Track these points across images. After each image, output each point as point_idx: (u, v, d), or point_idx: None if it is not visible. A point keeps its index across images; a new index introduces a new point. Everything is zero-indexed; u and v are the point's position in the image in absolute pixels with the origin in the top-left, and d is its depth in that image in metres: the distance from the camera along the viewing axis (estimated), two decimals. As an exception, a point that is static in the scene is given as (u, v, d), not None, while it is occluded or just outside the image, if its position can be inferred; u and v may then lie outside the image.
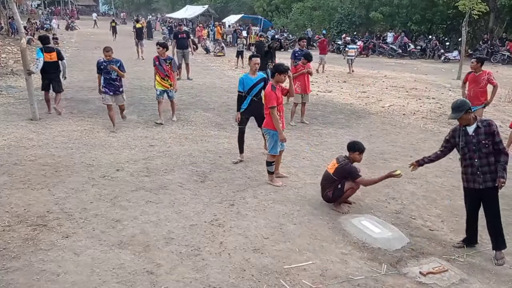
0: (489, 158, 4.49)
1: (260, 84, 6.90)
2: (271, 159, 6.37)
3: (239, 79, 7.01)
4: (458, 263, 4.57)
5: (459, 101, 4.66)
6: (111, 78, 8.55)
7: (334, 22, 35.30)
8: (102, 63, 8.50)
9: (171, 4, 57.90)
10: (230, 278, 4.11)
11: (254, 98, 6.90)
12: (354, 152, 5.65)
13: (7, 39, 26.43)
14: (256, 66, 6.93)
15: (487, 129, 4.48)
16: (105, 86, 8.58)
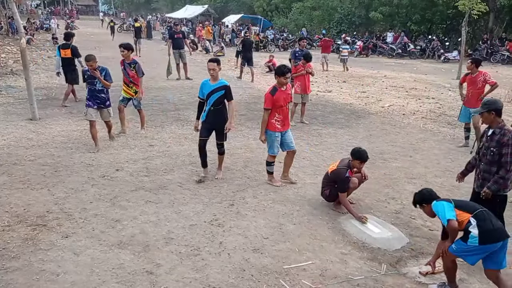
0: (491, 167, 4.44)
1: (219, 92, 6.15)
2: (270, 159, 6.35)
3: (200, 83, 6.40)
4: (457, 263, 4.56)
5: (490, 99, 4.63)
6: (95, 89, 7.50)
7: (334, 22, 35.33)
8: (86, 72, 7.51)
9: (170, 4, 57.90)
10: (229, 278, 4.10)
11: (212, 108, 6.15)
12: (355, 159, 5.61)
13: (6, 39, 26.43)
14: (211, 71, 6.17)
15: (500, 137, 4.37)
16: (89, 98, 7.52)
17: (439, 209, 3.92)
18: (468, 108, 8.44)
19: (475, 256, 3.84)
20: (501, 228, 3.82)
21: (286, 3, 40.57)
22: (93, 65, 7.38)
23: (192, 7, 44.90)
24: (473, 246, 3.74)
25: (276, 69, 6.28)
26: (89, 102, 7.51)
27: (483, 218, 3.77)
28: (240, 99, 12.54)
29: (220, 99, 6.19)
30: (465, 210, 3.88)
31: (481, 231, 3.70)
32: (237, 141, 8.50)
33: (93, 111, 7.51)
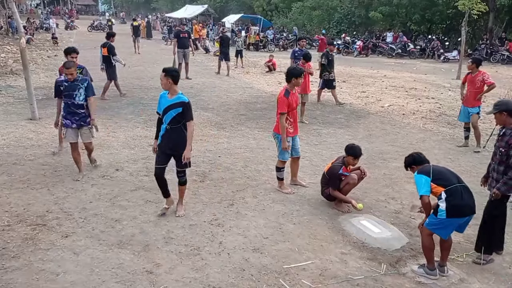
0: (500, 166, 4.45)
1: (177, 109, 5.00)
2: (280, 165, 6.17)
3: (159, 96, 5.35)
4: (457, 262, 4.57)
5: (502, 100, 4.67)
6: (74, 103, 6.12)
7: (333, 22, 35.31)
8: (62, 83, 6.16)
9: (170, 3, 57.86)
10: (229, 278, 4.11)
11: (168, 127, 5.04)
12: (349, 155, 5.68)
13: (6, 39, 26.42)
14: (167, 85, 5.09)
15: (509, 138, 4.36)
16: (66, 115, 6.17)
17: (417, 182, 4.25)
18: (467, 107, 8.45)
19: (445, 230, 4.17)
20: (469, 205, 4.12)
21: (285, 3, 40.52)
22: (73, 73, 6.12)
23: (192, 7, 44.84)
24: (442, 219, 4.05)
25: (293, 71, 5.98)
26: (67, 120, 6.19)
27: (455, 192, 4.05)
28: (240, 99, 12.55)
29: (178, 117, 5.02)
30: (440, 183, 4.14)
31: (449, 205, 4.00)
32: (237, 141, 8.50)
33: (72, 132, 6.23)
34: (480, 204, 5.81)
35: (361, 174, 5.86)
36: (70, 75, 6.07)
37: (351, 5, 33.96)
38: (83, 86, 6.13)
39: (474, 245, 4.89)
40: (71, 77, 6.09)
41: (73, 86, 6.11)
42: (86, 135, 6.34)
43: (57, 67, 17.33)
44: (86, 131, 6.31)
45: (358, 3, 33.18)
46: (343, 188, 5.66)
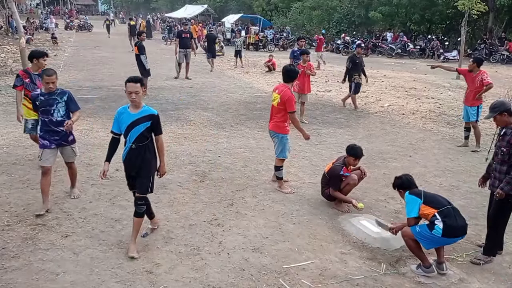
0: (502, 166, 4.44)
1: (145, 123, 4.38)
2: (279, 163, 6.19)
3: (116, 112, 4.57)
4: (457, 262, 4.58)
5: (496, 102, 4.62)
6: (52, 121, 5.19)
7: (333, 22, 35.32)
8: (38, 97, 5.17)
9: (170, 3, 57.87)
10: (229, 278, 4.11)
11: (133, 146, 4.43)
12: (349, 156, 5.69)
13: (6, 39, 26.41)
14: (133, 95, 4.31)
15: (510, 138, 4.36)
16: (43, 134, 5.22)
17: (409, 202, 4.36)
18: (467, 106, 8.46)
19: (433, 244, 4.26)
20: (463, 226, 4.21)
21: (285, 3, 40.55)
22: (54, 82, 5.15)
23: (192, 7, 44.86)
24: (435, 236, 4.12)
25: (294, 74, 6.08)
26: (44, 140, 5.23)
27: (448, 214, 4.15)
28: (240, 99, 12.55)
29: (146, 133, 4.41)
30: (432, 205, 4.23)
31: (446, 226, 4.09)
32: (237, 141, 8.50)
33: (49, 154, 5.27)
34: (480, 204, 5.85)
35: (361, 174, 5.87)
36: (52, 83, 5.10)
37: (351, 5, 33.97)
38: (62, 101, 5.19)
39: (474, 245, 4.91)
40: (52, 88, 5.11)
41: (51, 100, 5.14)
42: (69, 153, 5.49)
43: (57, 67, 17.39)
44: (68, 150, 5.46)
45: (357, 3, 33.19)
46: (343, 189, 5.66)
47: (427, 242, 4.22)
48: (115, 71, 17.16)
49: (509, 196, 4.37)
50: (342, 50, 29.51)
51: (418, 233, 4.22)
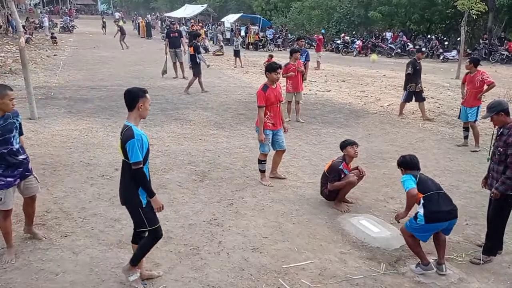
0: (499, 166, 4.43)
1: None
2: (262, 157, 6.41)
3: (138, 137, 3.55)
4: (456, 262, 4.58)
5: (493, 102, 4.62)
6: (13, 150, 4.18)
7: (333, 22, 35.31)
8: None
9: (170, 3, 57.84)
10: (229, 278, 4.11)
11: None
12: (346, 147, 5.71)
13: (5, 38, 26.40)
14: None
15: (507, 138, 4.34)
16: (3, 171, 4.13)
17: (405, 179, 4.41)
18: (466, 107, 8.46)
19: (426, 233, 4.27)
20: (446, 211, 4.21)
21: (285, 3, 40.54)
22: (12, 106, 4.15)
23: (191, 6, 44.87)
24: (421, 225, 4.17)
25: (267, 66, 6.37)
26: (9, 178, 4.17)
27: (431, 200, 4.19)
28: (240, 99, 12.55)
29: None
30: (421, 190, 4.29)
31: (426, 212, 4.15)
32: (236, 141, 8.50)
33: (12, 192, 4.24)
34: (479, 203, 5.85)
35: (360, 173, 5.87)
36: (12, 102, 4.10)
37: (351, 5, 33.96)
38: (18, 123, 4.27)
39: (473, 245, 4.91)
40: (12, 107, 4.14)
41: (9, 125, 4.14)
42: (33, 183, 4.47)
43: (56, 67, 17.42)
44: (32, 180, 4.45)
45: (357, 3, 33.18)
46: (342, 189, 5.65)
47: (420, 234, 4.25)
48: (115, 70, 17.16)
49: (507, 196, 4.38)
50: (341, 50, 29.53)
51: (409, 227, 4.29)
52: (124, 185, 3.70)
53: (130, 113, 3.64)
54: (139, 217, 3.70)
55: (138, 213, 3.69)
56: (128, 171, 3.60)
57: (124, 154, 3.57)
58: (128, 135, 3.52)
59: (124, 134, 3.56)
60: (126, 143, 3.50)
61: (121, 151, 3.60)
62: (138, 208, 3.67)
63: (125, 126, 3.60)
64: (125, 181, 3.67)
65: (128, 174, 3.62)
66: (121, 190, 3.74)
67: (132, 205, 3.70)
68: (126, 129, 3.57)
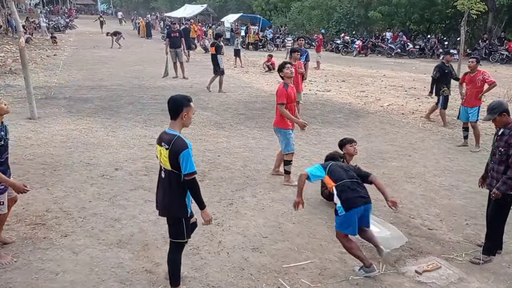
0: (500, 166, 4.43)
1: None
2: (289, 158, 6.37)
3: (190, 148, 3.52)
4: (456, 262, 4.58)
5: (493, 103, 4.54)
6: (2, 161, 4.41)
7: (333, 22, 35.30)
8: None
9: (169, 3, 57.81)
10: (229, 277, 4.11)
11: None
12: (345, 145, 5.70)
13: (5, 38, 26.39)
14: None
15: (508, 138, 4.34)
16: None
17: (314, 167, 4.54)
18: (467, 107, 8.46)
19: (350, 226, 4.21)
20: (361, 196, 4.22)
21: (284, 2, 40.52)
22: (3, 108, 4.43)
23: (191, 6, 44.83)
24: (342, 216, 4.17)
25: (278, 66, 6.50)
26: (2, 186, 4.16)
27: (343, 189, 4.21)
28: (240, 99, 12.55)
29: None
30: (333, 178, 4.35)
31: (342, 200, 4.18)
32: (236, 140, 8.50)
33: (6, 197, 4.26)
34: (479, 203, 5.85)
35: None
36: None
37: (350, 5, 33.95)
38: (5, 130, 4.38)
39: (473, 245, 4.91)
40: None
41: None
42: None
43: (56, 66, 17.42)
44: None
45: (357, 3, 33.17)
46: None
47: (347, 228, 4.22)
48: (115, 70, 17.15)
49: (507, 195, 4.38)
50: (341, 49, 29.52)
51: (337, 226, 4.30)
52: (170, 196, 3.55)
53: (173, 121, 3.54)
54: (181, 229, 3.61)
55: (181, 225, 3.59)
56: (175, 181, 3.48)
57: (172, 165, 3.43)
58: (181, 145, 3.39)
59: (174, 144, 3.40)
60: (180, 153, 3.36)
61: (168, 162, 3.44)
62: (182, 219, 3.59)
63: (172, 135, 3.47)
64: (172, 192, 3.52)
65: (175, 184, 3.49)
66: (164, 202, 3.61)
67: (177, 216, 3.60)
68: (176, 138, 3.43)
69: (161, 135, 3.57)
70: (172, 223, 3.65)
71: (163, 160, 3.51)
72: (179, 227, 3.61)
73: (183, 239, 3.65)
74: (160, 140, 3.53)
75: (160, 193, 3.66)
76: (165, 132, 3.56)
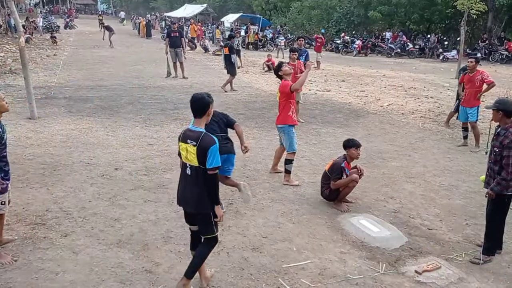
0: (495, 166, 4.44)
1: None
2: (291, 157, 6.37)
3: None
4: (456, 262, 4.58)
5: (502, 98, 4.72)
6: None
7: (332, 21, 35.32)
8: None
9: (169, 3, 57.81)
10: (228, 277, 4.11)
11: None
12: (350, 148, 5.69)
13: (5, 38, 26.38)
14: None
15: (503, 139, 4.35)
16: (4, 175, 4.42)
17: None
18: (466, 108, 8.46)
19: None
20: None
21: (284, 2, 40.54)
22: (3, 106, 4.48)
23: (191, 6, 44.81)
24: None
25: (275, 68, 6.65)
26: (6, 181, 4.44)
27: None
28: (239, 98, 12.55)
29: None
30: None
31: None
32: (236, 140, 8.47)
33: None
34: (479, 203, 5.86)
35: (358, 172, 5.86)
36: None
37: (350, 5, 33.97)
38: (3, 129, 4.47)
39: (473, 245, 4.91)
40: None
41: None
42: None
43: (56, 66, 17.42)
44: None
45: (357, 3, 33.19)
46: (343, 190, 5.65)
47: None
48: (115, 70, 17.15)
49: (503, 196, 4.39)
50: (341, 49, 29.53)
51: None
52: (200, 192, 3.59)
53: (199, 119, 3.63)
54: (210, 223, 3.68)
55: (210, 219, 3.67)
56: (202, 176, 3.54)
57: (200, 161, 3.50)
58: (210, 141, 3.49)
59: (202, 140, 3.49)
60: (208, 149, 3.45)
61: (196, 158, 3.51)
62: (211, 214, 3.65)
63: (199, 132, 3.56)
64: (200, 187, 3.58)
65: (203, 179, 3.56)
66: (194, 198, 3.63)
67: (207, 212, 3.65)
68: (203, 135, 3.52)
69: (186, 133, 3.66)
70: (201, 219, 3.71)
71: (190, 157, 3.57)
72: (208, 222, 3.68)
73: (213, 233, 3.72)
74: (186, 138, 3.61)
75: (187, 190, 3.68)
76: (190, 130, 3.66)
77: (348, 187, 5.64)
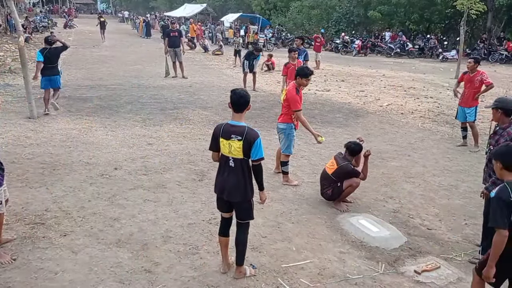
0: (491, 164, 4.44)
1: None
2: (285, 159, 6.40)
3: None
4: (455, 262, 4.58)
5: (502, 97, 4.72)
6: None
7: (332, 21, 35.33)
8: None
9: (169, 2, 57.81)
10: (228, 277, 4.11)
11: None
12: (359, 153, 5.79)
13: (4, 37, 26.36)
14: None
15: (499, 138, 4.37)
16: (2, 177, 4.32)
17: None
18: (464, 108, 8.46)
19: None
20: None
21: (284, 2, 40.54)
22: None
23: (191, 6, 44.81)
24: None
25: (300, 71, 6.25)
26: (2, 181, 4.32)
27: None
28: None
29: None
30: None
31: None
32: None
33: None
34: (478, 203, 5.85)
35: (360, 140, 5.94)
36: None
37: (350, 4, 33.98)
38: None
39: (472, 245, 4.91)
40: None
41: None
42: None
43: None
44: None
45: (356, 2, 33.20)
46: (345, 191, 5.65)
47: None
48: (114, 70, 17.15)
49: None
50: (341, 49, 29.54)
51: None
52: (244, 181, 3.88)
53: (239, 114, 3.83)
54: (250, 210, 4.04)
55: (250, 207, 4.03)
56: (246, 167, 3.85)
57: (245, 153, 3.76)
58: (254, 134, 3.75)
59: (248, 134, 3.72)
60: (254, 141, 3.71)
61: (242, 151, 3.75)
62: (251, 201, 4.00)
63: (242, 127, 3.77)
64: (245, 177, 3.87)
65: (247, 170, 3.86)
66: (240, 188, 3.88)
67: (248, 200, 3.97)
68: (247, 129, 3.76)
69: (227, 129, 3.80)
70: (243, 206, 3.99)
71: (234, 152, 3.79)
72: (248, 209, 4.01)
73: (251, 219, 4.09)
74: (229, 134, 3.77)
75: (230, 181, 3.89)
76: (231, 125, 3.82)
77: (351, 186, 5.64)
